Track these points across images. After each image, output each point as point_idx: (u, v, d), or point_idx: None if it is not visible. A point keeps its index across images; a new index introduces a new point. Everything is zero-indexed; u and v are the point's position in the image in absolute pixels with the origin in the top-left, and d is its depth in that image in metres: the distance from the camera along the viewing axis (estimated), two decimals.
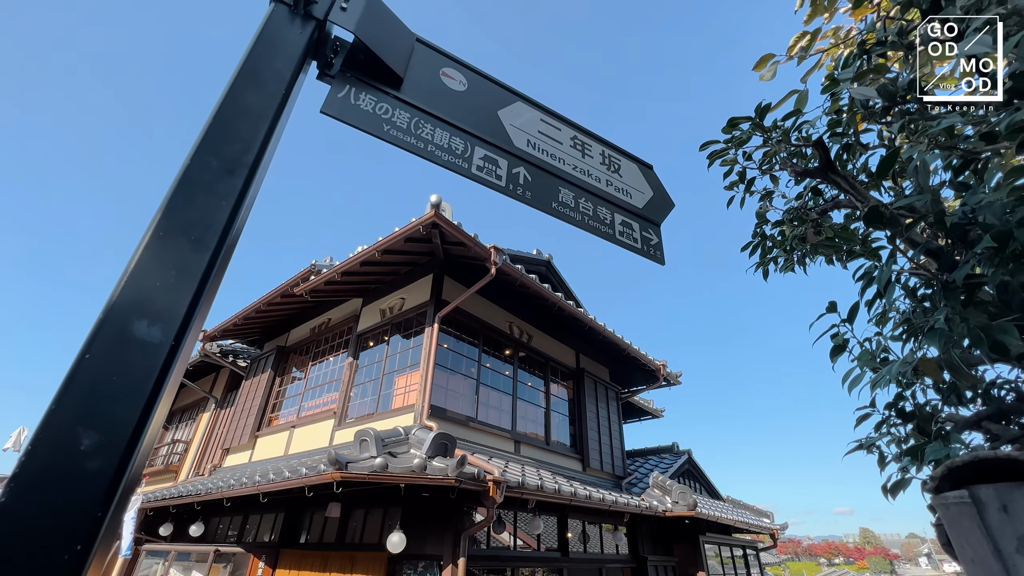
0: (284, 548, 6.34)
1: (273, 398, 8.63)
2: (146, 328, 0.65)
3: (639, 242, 1.55)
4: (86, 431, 0.57)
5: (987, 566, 0.57)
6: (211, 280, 0.73)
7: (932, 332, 1.08)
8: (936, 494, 0.67)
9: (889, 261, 1.37)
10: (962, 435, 1.71)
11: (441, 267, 6.91)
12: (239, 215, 0.79)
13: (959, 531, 0.62)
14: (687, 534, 8.72)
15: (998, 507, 0.58)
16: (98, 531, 0.54)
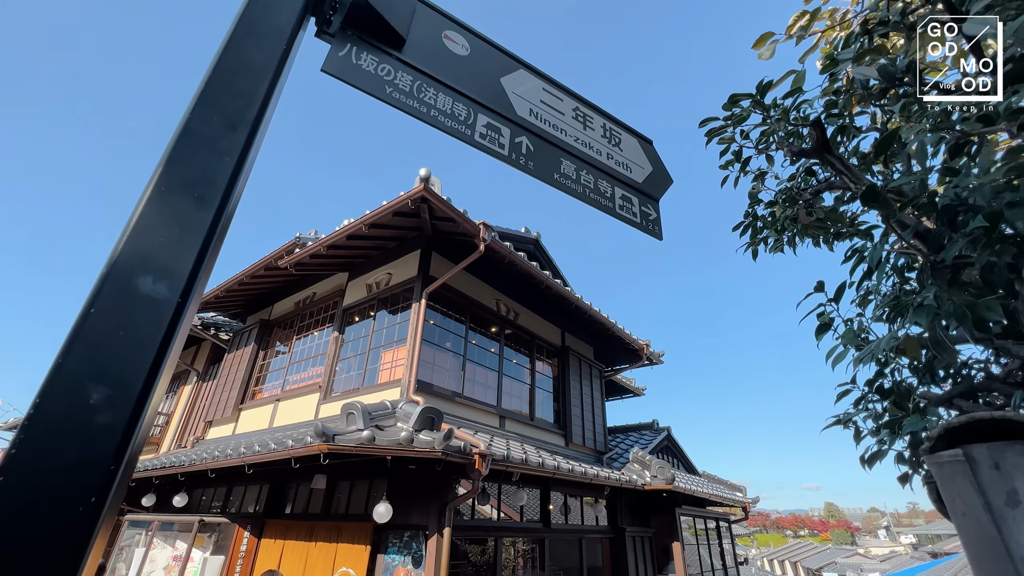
0: (269, 518, 6.39)
1: (257, 371, 8.57)
2: (151, 284, 0.64)
3: (638, 217, 1.56)
4: (95, 385, 0.56)
5: (977, 519, 0.60)
6: (215, 237, 0.71)
7: (921, 308, 1.12)
8: (931, 454, 0.71)
9: (881, 240, 1.41)
10: (936, 411, 1.80)
11: (429, 242, 6.85)
12: (242, 172, 0.77)
13: (952, 488, 0.66)
14: (664, 507, 9.04)
15: (990, 464, 0.62)
16: (111, 485, 0.54)
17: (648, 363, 10.51)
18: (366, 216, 6.18)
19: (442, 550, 4.78)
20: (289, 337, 8.58)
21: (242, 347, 8.95)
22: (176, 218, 0.69)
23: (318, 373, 7.39)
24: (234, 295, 8.99)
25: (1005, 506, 0.59)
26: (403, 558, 5.00)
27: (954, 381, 2.30)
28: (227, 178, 0.75)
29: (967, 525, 0.63)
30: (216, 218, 0.72)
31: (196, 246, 0.68)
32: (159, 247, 0.66)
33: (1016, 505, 0.59)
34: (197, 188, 0.72)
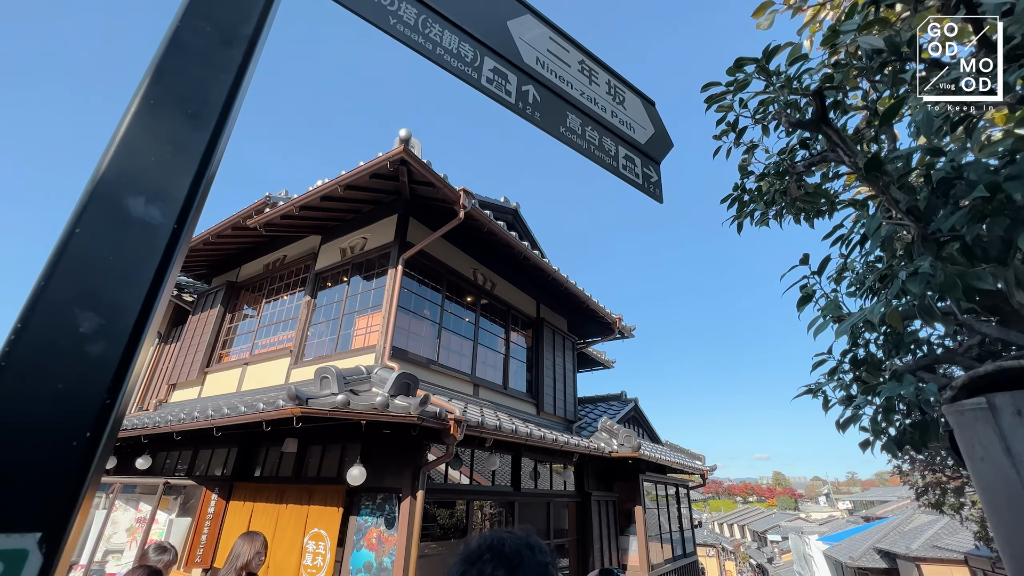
0: (238, 481, 6.32)
1: (224, 335, 8.30)
2: (143, 207, 0.57)
3: (640, 178, 1.53)
4: (83, 312, 0.50)
5: (996, 463, 0.63)
6: (212, 162, 0.64)
7: (914, 276, 1.15)
8: (952, 403, 0.74)
9: (877, 211, 1.44)
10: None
11: (407, 207, 6.67)
12: (239, 93, 0.70)
13: (971, 433, 0.69)
14: (628, 473, 9.42)
15: (1013, 411, 0.65)
16: (107, 419, 0.49)
17: (620, 336, 10.74)
18: (342, 177, 5.95)
19: (415, 512, 4.85)
20: (258, 300, 8.32)
21: (207, 309, 8.63)
22: (168, 137, 0.62)
23: (289, 337, 7.22)
24: (199, 255, 8.60)
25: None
26: (376, 520, 5.06)
27: (914, 355, 2.43)
28: (223, 97, 0.67)
29: (985, 470, 0.66)
30: (213, 140, 0.65)
31: (191, 169, 0.62)
32: (151, 167, 0.59)
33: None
34: (190, 105, 0.65)
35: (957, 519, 11.83)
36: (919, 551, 20.59)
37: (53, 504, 0.45)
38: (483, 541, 0.83)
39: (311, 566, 4.97)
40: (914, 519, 24.43)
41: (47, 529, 0.44)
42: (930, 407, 1.36)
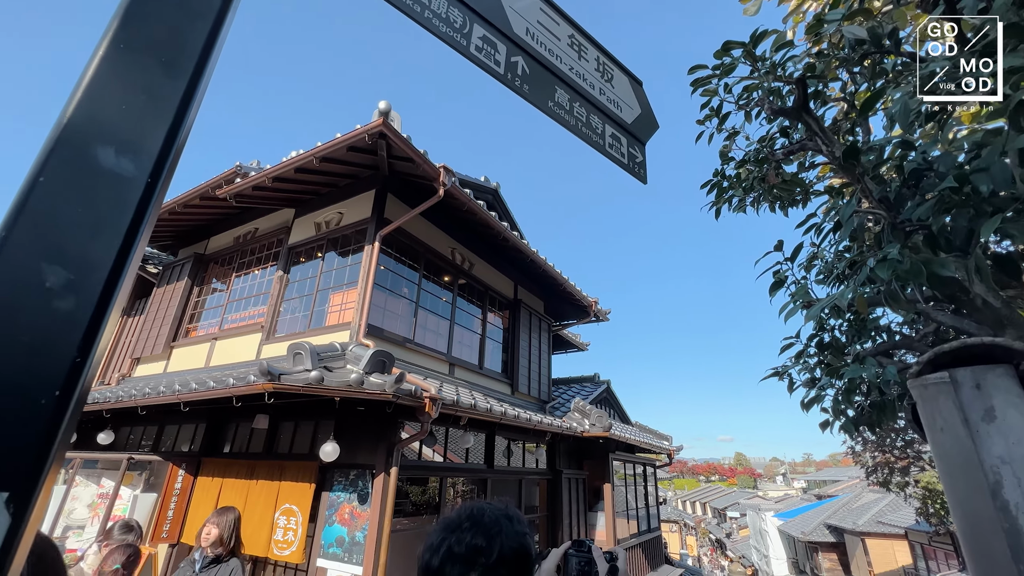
0: (206, 457, 6.21)
1: (191, 308, 8.04)
2: (114, 157, 0.54)
3: (626, 157, 1.53)
4: (50, 267, 0.48)
5: (954, 433, 0.68)
6: (188, 114, 0.61)
7: (883, 262, 1.20)
8: (917, 377, 0.78)
9: (851, 200, 1.48)
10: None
11: (385, 183, 6.53)
12: (217, 42, 0.66)
13: (933, 406, 0.73)
14: (599, 452, 9.68)
15: (972, 385, 0.69)
16: (77, 378, 0.47)
17: (595, 319, 10.90)
18: (317, 148, 5.76)
19: (388, 488, 4.88)
20: (227, 274, 8.07)
21: (173, 282, 8.33)
22: (141, 85, 0.58)
23: (260, 313, 7.05)
24: (164, 225, 8.25)
25: (981, 421, 0.67)
26: (349, 496, 5.07)
27: (874, 341, 2.55)
28: (200, 45, 0.63)
29: (943, 440, 0.71)
30: (189, 91, 0.61)
31: (166, 120, 0.58)
32: (121, 116, 0.56)
33: (991, 420, 0.66)
34: (164, 52, 0.61)
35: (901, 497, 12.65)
36: (865, 526, 22.01)
37: (20, 463, 0.43)
38: (463, 511, 0.84)
39: (282, 541, 4.96)
40: (862, 497, 26.01)
41: (14, 489, 0.42)
42: (888, 388, 1.44)
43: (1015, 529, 0.59)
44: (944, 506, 11.75)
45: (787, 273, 1.98)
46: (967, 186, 1.09)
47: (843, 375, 1.58)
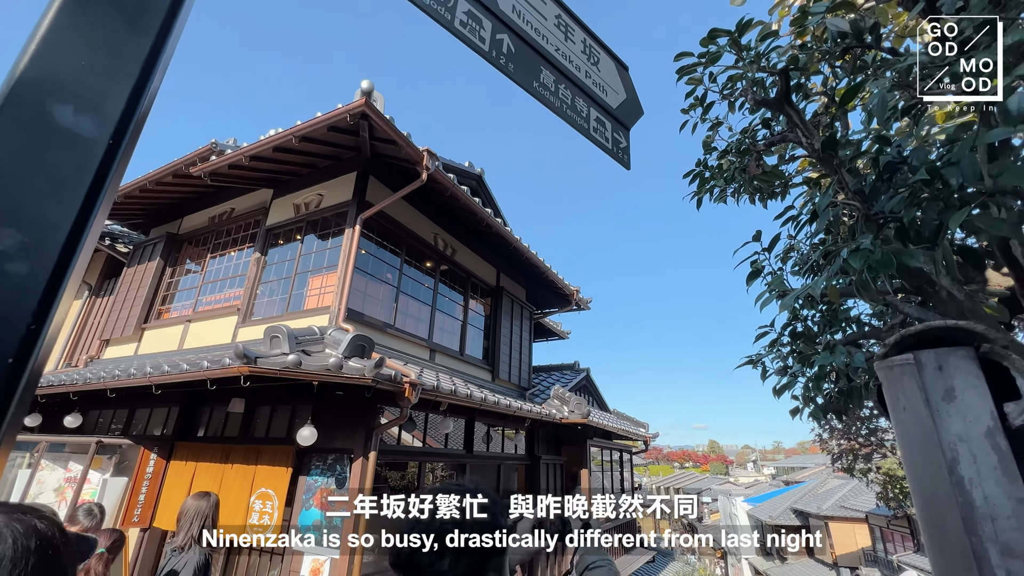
0: (179, 441, 6.10)
1: (164, 289, 7.81)
2: (72, 116, 0.51)
3: (610, 142, 1.53)
4: (2, 229, 0.45)
5: (916, 412, 0.71)
6: (154, 74, 0.58)
7: (856, 252, 1.23)
8: (883, 359, 0.81)
9: (827, 191, 1.51)
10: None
11: (367, 165, 6.40)
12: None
13: (897, 387, 0.76)
14: (577, 438, 9.83)
15: (935, 367, 0.72)
16: (33, 347, 0.45)
17: (576, 308, 10.98)
18: (297, 127, 5.60)
19: (367, 473, 4.87)
20: (202, 255, 7.84)
21: (145, 261, 8.06)
22: (102, 38, 0.55)
23: (236, 295, 6.90)
24: (134, 202, 7.96)
25: (942, 400, 0.70)
26: (326, 480, 5.04)
27: (844, 332, 2.63)
28: (168, 1, 0.60)
29: (905, 419, 0.74)
30: (155, 49, 0.58)
31: (130, 79, 0.55)
32: (81, 73, 0.53)
33: (951, 400, 0.69)
34: (127, 7, 0.57)
35: (864, 482, 13.22)
36: (828, 510, 22.96)
37: None
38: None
39: (257, 525, 4.92)
40: (827, 483, 27.06)
41: None
42: (856, 375, 1.50)
43: (968, 503, 0.62)
44: (903, 491, 12.34)
45: (764, 263, 2.02)
46: (938, 180, 1.12)
47: (814, 363, 1.63)
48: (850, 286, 1.75)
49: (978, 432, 0.67)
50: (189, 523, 2.77)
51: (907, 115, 1.42)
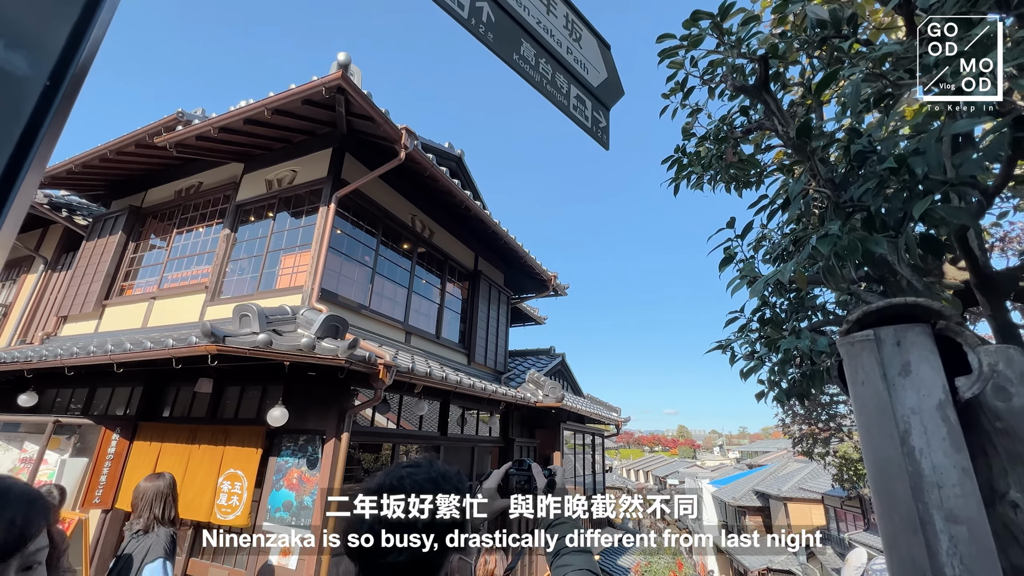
0: (143, 421, 5.93)
1: (126, 265, 7.49)
2: (2, 51, 0.47)
3: (589, 121, 1.51)
4: None
5: (873, 386, 0.73)
6: (101, 8, 0.53)
7: (825, 238, 1.26)
8: (845, 336, 0.83)
9: (801, 177, 1.54)
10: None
11: (342, 142, 6.22)
12: None
13: (857, 362, 0.78)
14: (551, 422, 9.98)
15: (893, 342, 0.74)
16: None
17: (554, 294, 11.04)
18: (270, 98, 5.38)
19: (339, 454, 4.83)
20: (168, 230, 7.54)
21: (106, 235, 7.70)
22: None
23: (204, 272, 6.67)
24: (94, 172, 7.55)
25: (898, 375, 0.72)
26: (298, 461, 4.99)
27: (810, 319, 2.72)
28: None
29: (863, 392, 0.76)
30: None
31: (71, 15, 0.51)
32: (11, 3, 0.48)
33: (907, 374, 0.72)
34: None
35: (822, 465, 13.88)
36: (787, 492, 24.06)
37: None
38: (386, 477, 0.77)
39: (225, 506, 4.85)
40: (788, 466, 28.29)
41: None
42: (819, 358, 1.55)
43: (917, 471, 0.65)
44: (857, 473, 13.04)
45: (736, 250, 2.06)
46: (904, 169, 1.15)
47: (780, 347, 1.68)
48: (818, 273, 1.80)
49: (930, 405, 0.70)
50: (148, 505, 2.71)
51: (879, 105, 1.45)
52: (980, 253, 1.74)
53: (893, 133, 1.49)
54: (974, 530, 0.65)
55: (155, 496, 2.73)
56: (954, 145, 1.19)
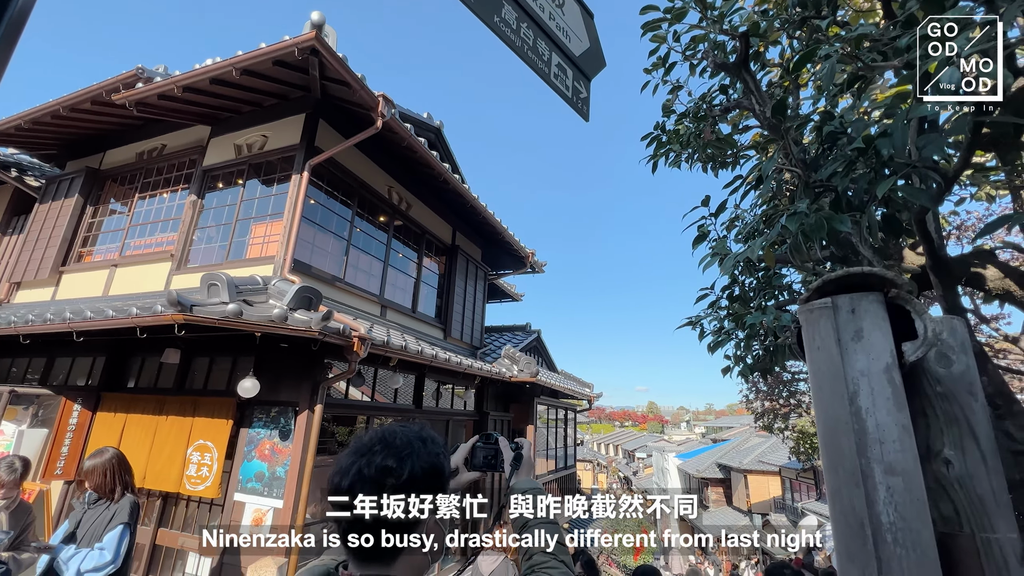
0: (107, 392, 5.76)
1: (84, 230, 7.14)
2: None
3: (570, 91, 1.50)
4: None
5: (828, 351, 0.77)
6: None
7: (794, 215, 1.31)
8: (805, 304, 0.87)
9: (773, 156, 1.57)
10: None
11: (316, 108, 5.99)
12: None
13: (814, 329, 0.83)
14: (525, 397, 10.15)
15: (848, 309, 0.78)
16: None
17: (531, 271, 11.08)
18: (238, 58, 5.11)
19: (312, 426, 4.82)
20: (129, 194, 7.18)
21: (61, 198, 7.29)
22: None
23: (170, 240, 6.42)
24: (45, 130, 7.09)
25: (851, 340, 0.77)
26: (270, 432, 4.96)
27: (776, 299, 2.82)
28: None
29: (819, 357, 0.81)
30: None
31: None
32: None
33: (859, 339, 0.77)
34: None
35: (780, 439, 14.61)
36: (748, 465, 25.32)
37: None
38: (375, 434, 0.80)
39: (195, 476, 4.80)
40: (749, 440, 29.66)
41: None
42: (782, 332, 1.62)
43: (862, 429, 0.70)
44: (812, 447, 13.80)
45: (710, 228, 2.10)
46: (872, 150, 1.19)
47: (746, 322, 1.74)
48: (786, 253, 1.86)
49: (878, 368, 0.75)
50: (102, 477, 2.69)
51: (852, 87, 1.48)
52: (937, 236, 1.83)
53: (864, 115, 1.53)
54: (909, 482, 0.71)
55: (105, 470, 2.71)
56: (919, 127, 1.24)
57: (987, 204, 3.77)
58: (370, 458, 0.76)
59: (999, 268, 2.33)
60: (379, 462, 0.75)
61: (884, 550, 0.67)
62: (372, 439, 0.80)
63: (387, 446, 0.78)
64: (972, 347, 0.82)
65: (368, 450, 0.78)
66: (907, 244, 2.64)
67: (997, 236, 5.97)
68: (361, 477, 0.75)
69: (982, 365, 1.39)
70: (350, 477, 0.75)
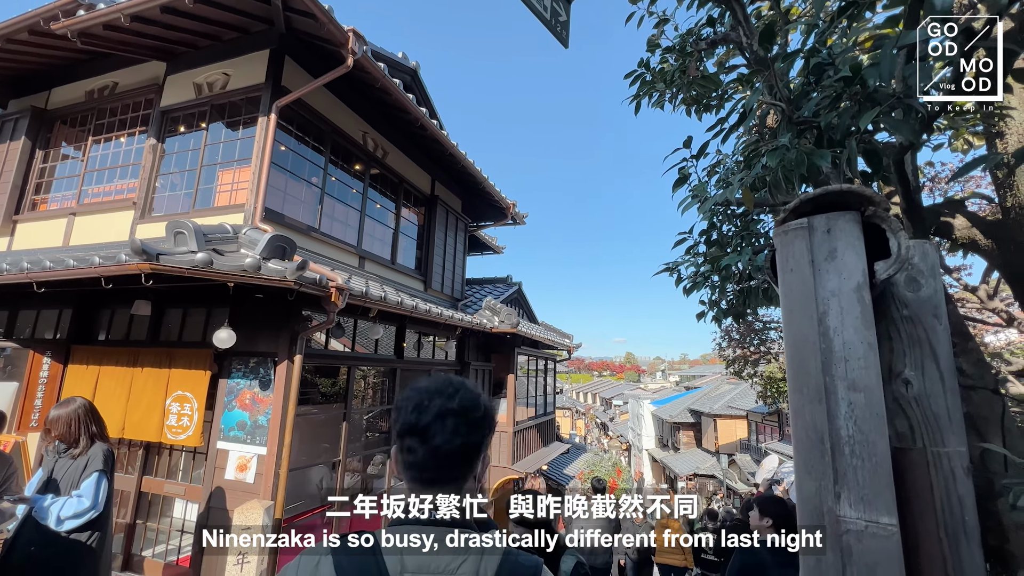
0: (76, 344, 5.62)
1: (36, 176, 6.70)
2: None
3: (548, 12, 1.40)
4: None
5: (800, 272, 0.78)
6: None
7: (775, 150, 1.28)
8: (781, 225, 0.86)
9: (757, 90, 1.52)
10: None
11: (281, 43, 5.56)
12: None
13: (789, 250, 0.82)
14: (506, 347, 10.32)
15: (824, 230, 0.78)
16: None
17: (513, 222, 10.96)
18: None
19: (292, 375, 4.82)
20: (82, 137, 6.71)
21: (5, 141, 6.78)
22: None
23: (131, 187, 6.08)
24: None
25: (824, 260, 0.77)
26: (249, 382, 4.95)
27: (753, 246, 2.84)
28: None
29: (791, 279, 0.81)
30: None
31: None
32: None
33: (832, 259, 0.77)
34: None
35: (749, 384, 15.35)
36: (718, 410, 26.72)
37: None
38: (442, 379, 0.91)
39: (176, 426, 4.81)
40: (720, 388, 31.11)
41: None
42: (757, 273, 1.64)
43: (828, 348, 0.71)
44: (778, 391, 14.58)
45: (691, 171, 2.06)
46: (858, 81, 1.16)
47: (722, 264, 1.76)
48: (765, 194, 1.85)
49: (849, 287, 0.76)
50: (66, 427, 2.66)
51: (844, 14, 1.42)
52: (913, 179, 1.83)
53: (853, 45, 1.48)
54: (870, 397, 0.73)
55: (70, 420, 2.67)
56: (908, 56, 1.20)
57: (962, 156, 3.80)
58: (450, 396, 0.87)
59: (967, 218, 2.38)
60: (463, 397, 0.87)
61: (841, 462, 0.70)
62: (443, 383, 0.91)
63: (460, 386, 0.90)
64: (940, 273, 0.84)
65: (443, 392, 0.88)
66: (885, 192, 2.66)
67: (968, 188, 6.08)
68: (444, 411, 0.85)
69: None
70: (431, 413, 0.85)
